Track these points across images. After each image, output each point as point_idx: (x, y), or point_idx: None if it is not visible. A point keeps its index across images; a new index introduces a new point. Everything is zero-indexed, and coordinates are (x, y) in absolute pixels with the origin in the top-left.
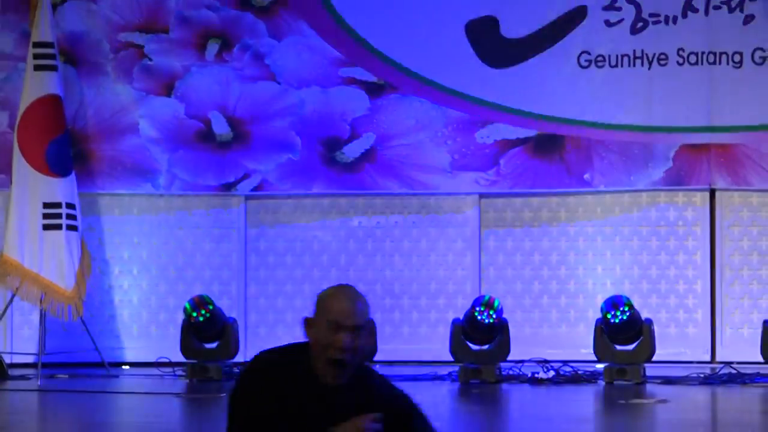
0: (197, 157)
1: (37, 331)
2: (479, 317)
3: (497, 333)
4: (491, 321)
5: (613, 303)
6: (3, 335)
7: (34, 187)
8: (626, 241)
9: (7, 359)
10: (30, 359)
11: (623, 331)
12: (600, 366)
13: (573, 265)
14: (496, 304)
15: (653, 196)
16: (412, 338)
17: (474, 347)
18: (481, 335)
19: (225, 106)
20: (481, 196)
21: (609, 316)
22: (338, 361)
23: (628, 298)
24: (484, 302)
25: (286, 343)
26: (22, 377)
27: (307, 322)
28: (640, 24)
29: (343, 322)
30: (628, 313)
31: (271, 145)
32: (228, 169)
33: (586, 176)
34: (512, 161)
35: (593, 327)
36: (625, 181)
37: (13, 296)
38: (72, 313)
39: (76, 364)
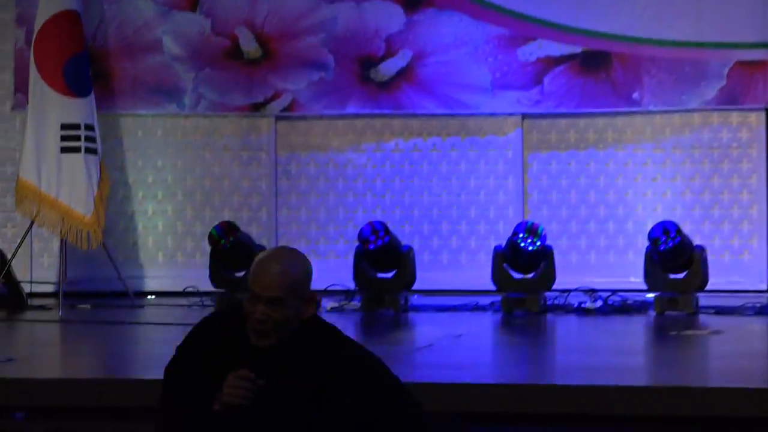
0: (224, 76)
1: (57, 259)
2: (522, 244)
3: (541, 261)
4: (534, 248)
5: (663, 228)
6: (22, 263)
7: (52, 107)
8: (677, 164)
9: (27, 288)
10: (50, 288)
11: (673, 258)
12: (650, 295)
13: (621, 190)
14: (539, 230)
15: (706, 116)
16: (452, 266)
17: (517, 276)
18: (524, 263)
19: (253, 21)
20: (524, 116)
21: (658, 242)
22: (257, 330)
23: (677, 224)
24: (526, 228)
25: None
26: (42, 307)
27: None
28: None
29: (259, 293)
30: (677, 239)
31: (301, 63)
32: (257, 89)
33: (635, 95)
34: (556, 80)
35: (643, 254)
36: (676, 100)
37: (31, 222)
38: (92, 240)
39: (99, 294)
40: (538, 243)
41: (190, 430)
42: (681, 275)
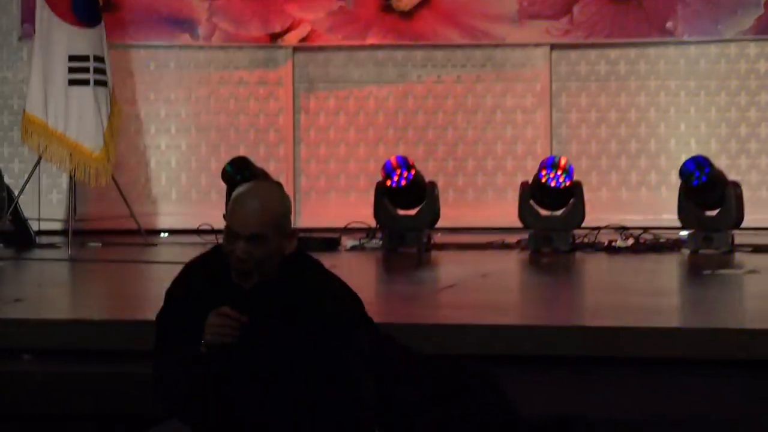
0: (240, 5)
1: (66, 195)
2: (548, 181)
3: (569, 197)
4: (561, 184)
5: (696, 163)
6: (30, 200)
7: (60, 37)
8: (712, 96)
9: (35, 226)
10: (59, 226)
11: (707, 193)
12: (684, 233)
13: (654, 123)
14: (567, 165)
15: (742, 46)
16: (478, 204)
17: (545, 213)
18: (551, 200)
19: None
20: (553, 47)
21: (692, 177)
22: (238, 270)
23: (709, 159)
24: (553, 164)
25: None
26: (51, 246)
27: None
28: None
29: (237, 230)
30: (711, 174)
31: None
32: (273, 18)
33: (668, 25)
34: (587, 8)
35: (677, 190)
36: (712, 30)
37: (39, 158)
38: (101, 176)
39: (110, 232)
40: (566, 179)
41: (183, 377)
42: (715, 212)
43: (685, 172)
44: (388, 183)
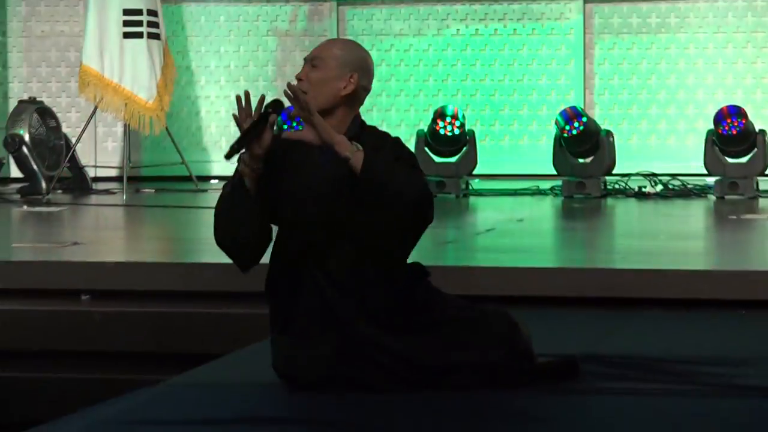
0: None
1: (121, 143)
2: (574, 130)
3: (601, 144)
4: (577, 131)
5: (730, 112)
6: (87, 148)
7: None
8: (739, 48)
9: (91, 173)
10: (114, 173)
11: (736, 142)
12: (711, 180)
13: (683, 74)
14: (580, 113)
15: None
16: (513, 150)
17: (578, 160)
18: (580, 147)
19: None
20: (586, 1)
21: (722, 126)
22: (295, 96)
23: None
24: (566, 116)
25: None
26: (107, 191)
27: None
28: None
29: (307, 57)
30: (741, 124)
31: None
32: None
33: None
34: None
35: (704, 139)
36: None
37: (95, 108)
38: (154, 125)
39: (163, 178)
40: (579, 125)
41: (231, 196)
42: (743, 159)
43: (717, 120)
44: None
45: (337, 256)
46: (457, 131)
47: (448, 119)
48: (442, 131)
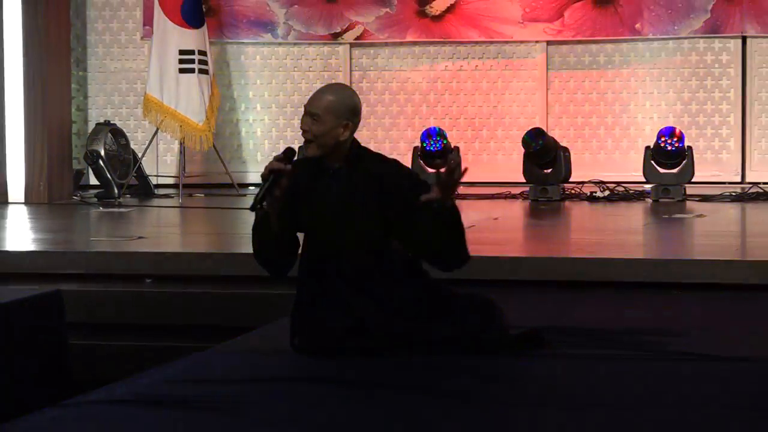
0: (309, 11)
1: (177, 157)
2: (534, 148)
3: (559, 158)
4: (538, 148)
5: (671, 132)
6: (150, 161)
7: (172, 37)
8: (670, 81)
9: (154, 181)
10: (172, 181)
11: (673, 157)
12: (648, 186)
13: (625, 102)
14: (542, 131)
15: (693, 42)
16: (490, 163)
17: (542, 171)
18: (540, 160)
19: None
20: (548, 43)
21: (531, 145)
22: (304, 138)
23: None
24: (537, 133)
25: None
26: (166, 195)
27: None
28: None
29: (307, 107)
30: (681, 144)
31: (371, 0)
32: (335, 21)
33: (637, 26)
34: (575, 14)
35: (642, 153)
36: (670, 30)
37: (156, 129)
38: (204, 142)
39: (211, 185)
40: (540, 143)
41: (259, 234)
42: (674, 170)
43: (663, 135)
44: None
45: (351, 255)
46: (440, 147)
47: (434, 138)
48: (429, 148)
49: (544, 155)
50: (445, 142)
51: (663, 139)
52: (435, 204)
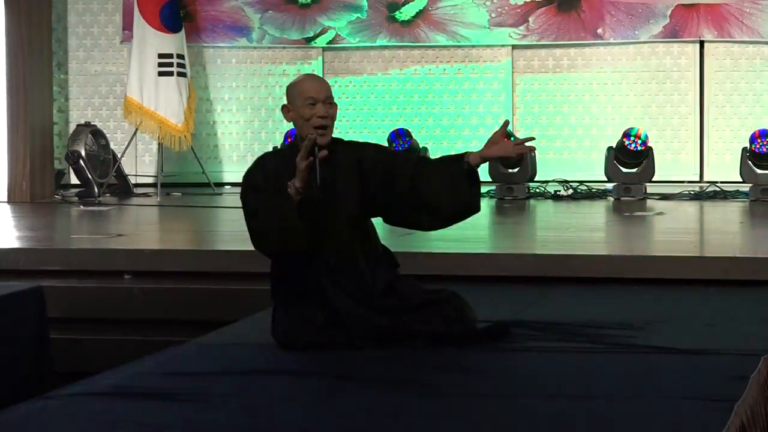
0: (283, 17)
1: (156, 157)
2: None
3: (525, 158)
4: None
5: (634, 134)
6: (130, 161)
7: (152, 41)
8: (631, 84)
9: (133, 180)
10: (150, 180)
11: (634, 156)
12: (610, 185)
13: (588, 104)
14: (510, 133)
15: (653, 47)
16: None
17: (507, 170)
18: (510, 161)
19: None
20: (514, 47)
21: (629, 143)
22: (321, 125)
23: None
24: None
25: None
26: (145, 194)
27: (286, 108)
28: None
29: (315, 96)
30: (643, 144)
31: (342, 6)
32: (308, 26)
33: (599, 31)
34: (539, 19)
35: (605, 153)
36: (631, 35)
37: (136, 130)
38: (182, 143)
39: (188, 185)
40: (409, 142)
41: (279, 214)
42: (634, 170)
43: (627, 136)
44: (393, 146)
45: (336, 249)
46: (407, 146)
47: (403, 138)
48: (398, 148)
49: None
50: (411, 141)
51: (624, 140)
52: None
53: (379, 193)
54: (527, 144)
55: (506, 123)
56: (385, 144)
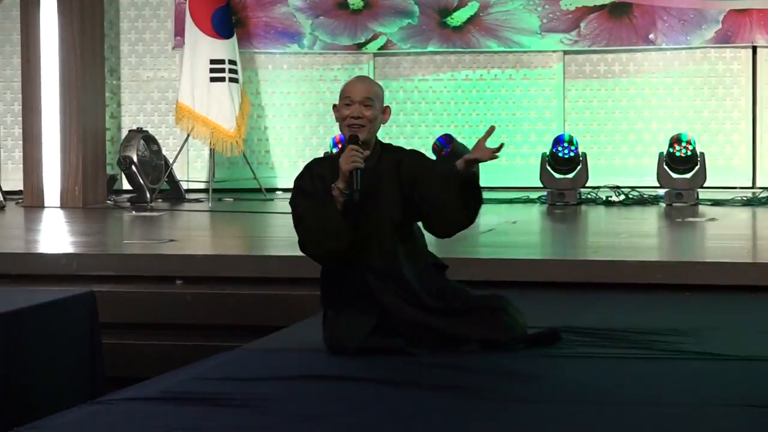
0: (334, 22)
1: (208, 163)
2: (560, 152)
3: (577, 164)
4: (571, 155)
5: (682, 139)
6: (182, 166)
7: (203, 47)
8: (683, 89)
9: (185, 186)
10: (202, 185)
11: (685, 162)
12: (662, 191)
13: (640, 109)
14: (574, 140)
15: (705, 52)
16: (510, 168)
17: (558, 176)
18: (563, 166)
19: None
20: (565, 53)
21: (442, 149)
22: (353, 125)
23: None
24: (565, 140)
25: None
26: (197, 200)
27: (335, 108)
28: None
29: (353, 96)
30: (692, 149)
31: (394, 12)
32: (359, 32)
33: (651, 36)
34: (590, 24)
35: (656, 159)
36: (683, 40)
37: (188, 135)
38: (234, 148)
39: (239, 190)
40: (574, 151)
41: (326, 217)
42: (686, 175)
43: (676, 142)
44: (442, 153)
45: (380, 253)
46: (447, 152)
47: (441, 142)
48: (445, 152)
49: (568, 161)
50: (451, 146)
51: (674, 146)
52: (472, 167)
53: (414, 201)
54: (493, 147)
55: (491, 129)
56: (430, 151)
